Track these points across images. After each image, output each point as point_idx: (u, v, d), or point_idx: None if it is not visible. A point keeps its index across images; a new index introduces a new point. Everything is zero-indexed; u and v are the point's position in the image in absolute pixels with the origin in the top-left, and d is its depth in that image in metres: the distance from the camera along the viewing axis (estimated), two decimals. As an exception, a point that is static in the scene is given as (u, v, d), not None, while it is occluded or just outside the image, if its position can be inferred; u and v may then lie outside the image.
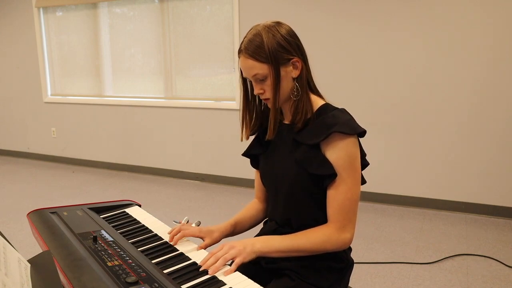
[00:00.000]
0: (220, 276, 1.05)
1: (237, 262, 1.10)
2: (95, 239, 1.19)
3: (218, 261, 1.08)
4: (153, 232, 1.31)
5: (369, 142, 3.48)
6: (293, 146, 1.24)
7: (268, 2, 3.82)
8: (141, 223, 1.38)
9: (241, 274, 1.06)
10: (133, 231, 1.31)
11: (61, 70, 5.17)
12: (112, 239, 1.22)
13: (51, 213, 1.40)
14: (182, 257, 1.15)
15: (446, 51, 3.29)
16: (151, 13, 4.46)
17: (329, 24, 3.62)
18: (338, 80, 3.66)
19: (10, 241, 1.93)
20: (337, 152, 1.16)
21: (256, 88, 1.23)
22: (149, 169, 4.75)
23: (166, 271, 1.06)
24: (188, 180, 4.51)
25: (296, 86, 1.21)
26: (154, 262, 1.11)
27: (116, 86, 4.85)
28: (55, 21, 5.05)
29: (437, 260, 2.66)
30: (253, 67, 1.18)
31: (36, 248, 2.89)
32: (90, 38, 4.88)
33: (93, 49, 4.89)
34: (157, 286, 0.97)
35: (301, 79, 1.22)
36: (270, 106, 1.24)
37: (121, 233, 1.29)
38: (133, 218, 1.43)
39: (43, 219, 1.34)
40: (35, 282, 0.81)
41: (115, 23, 4.71)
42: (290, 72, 1.20)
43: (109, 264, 1.06)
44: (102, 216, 1.44)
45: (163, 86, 4.57)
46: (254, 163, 1.43)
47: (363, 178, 1.26)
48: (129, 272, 1.03)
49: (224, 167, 4.32)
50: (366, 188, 3.64)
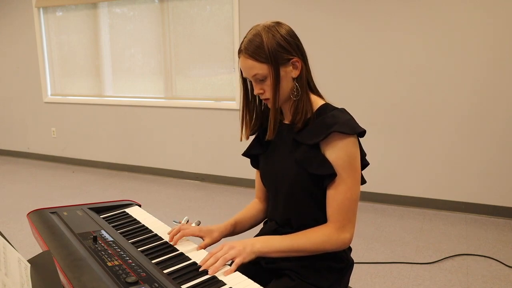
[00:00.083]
0: (220, 276, 1.05)
1: (237, 262, 1.10)
2: (95, 239, 1.19)
3: (218, 261, 1.08)
4: (153, 232, 1.31)
5: (369, 142, 3.48)
6: (293, 146, 1.24)
7: (268, 2, 3.82)
8: (141, 223, 1.38)
9: (241, 274, 1.06)
10: (133, 231, 1.31)
11: (61, 70, 5.17)
12: (112, 239, 1.22)
13: (51, 213, 1.40)
14: (182, 257, 1.15)
15: (446, 51, 3.29)
16: (151, 13, 4.46)
17: (329, 24, 3.62)
18: (338, 80, 3.66)
19: (10, 241, 1.93)
20: (336, 152, 1.16)
21: (256, 88, 1.23)
22: (149, 169, 4.75)
23: (166, 271, 1.06)
24: (188, 180, 4.51)
25: (296, 86, 1.22)
26: (154, 262, 1.11)
27: (116, 86, 4.85)
28: (55, 21, 5.05)
29: (437, 260, 2.66)
30: (253, 67, 1.18)
31: (36, 248, 2.89)
32: (90, 38, 4.88)
33: (93, 49, 4.89)
34: (157, 286, 0.97)
35: (301, 79, 1.22)
36: (270, 106, 1.24)
37: (121, 233, 1.29)
38: (133, 218, 1.43)
39: (43, 219, 1.34)
40: (35, 282, 0.81)
41: (115, 23, 4.71)
42: (290, 72, 1.21)
43: (109, 264, 1.06)
44: (102, 216, 1.44)
45: (163, 86, 4.57)
46: (254, 163, 1.43)
47: (363, 178, 1.26)
48: (129, 272, 1.03)
49: (224, 167, 4.32)
50: (366, 188, 3.64)
